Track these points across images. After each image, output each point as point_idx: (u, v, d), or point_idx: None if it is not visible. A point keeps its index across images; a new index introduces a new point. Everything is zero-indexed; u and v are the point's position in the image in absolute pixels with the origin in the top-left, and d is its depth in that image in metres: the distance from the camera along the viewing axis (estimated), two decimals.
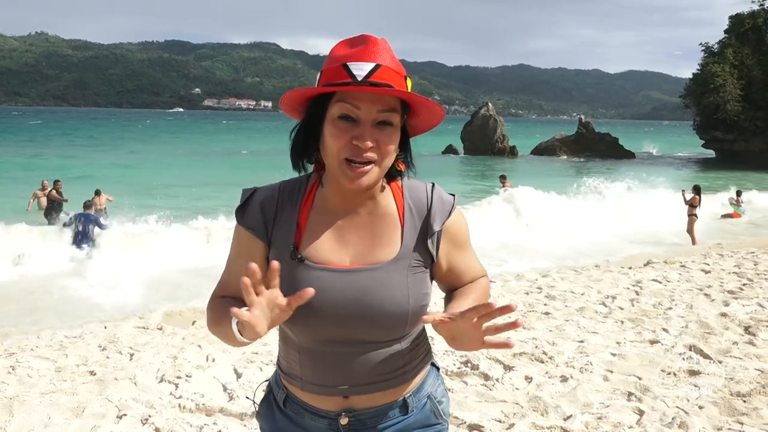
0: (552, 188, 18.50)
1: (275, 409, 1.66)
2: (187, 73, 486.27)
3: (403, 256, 1.52)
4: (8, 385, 4.68)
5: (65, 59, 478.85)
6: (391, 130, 1.43)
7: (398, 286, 1.49)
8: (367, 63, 1.41)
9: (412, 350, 1.59)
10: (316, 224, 1.53)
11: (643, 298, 7.57)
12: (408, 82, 1.49)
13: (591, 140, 48.78)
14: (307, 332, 1.51)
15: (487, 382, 4.75)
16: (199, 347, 5.66)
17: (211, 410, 4.27)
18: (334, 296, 1.47)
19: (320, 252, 1.51)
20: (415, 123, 1.54)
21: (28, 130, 73.90)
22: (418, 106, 1.48)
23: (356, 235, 1.53)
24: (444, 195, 1.59)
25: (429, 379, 1.67)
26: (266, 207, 1.54)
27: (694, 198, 14.82)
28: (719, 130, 48.89)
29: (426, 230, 1.55)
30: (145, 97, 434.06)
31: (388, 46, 1.46)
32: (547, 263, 11.34)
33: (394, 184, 1.58)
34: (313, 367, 1.55)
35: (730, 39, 50.73)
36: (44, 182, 16.97)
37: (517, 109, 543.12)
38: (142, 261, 11.46)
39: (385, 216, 1.55)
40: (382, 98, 1.41)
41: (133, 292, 9.27)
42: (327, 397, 1.56)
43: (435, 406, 1.67)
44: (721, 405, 4.28)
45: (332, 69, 1.43)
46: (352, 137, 1.40)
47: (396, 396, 1.59)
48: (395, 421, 1.60)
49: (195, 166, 34.76)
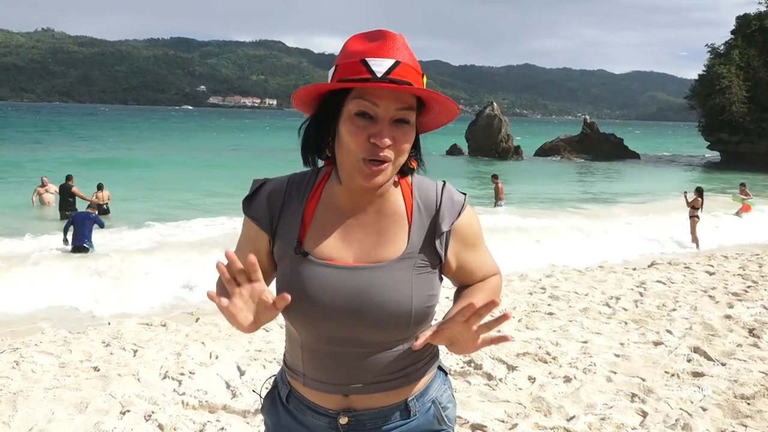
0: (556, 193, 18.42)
1: (279, 404, 1.65)
2: (192, 71, 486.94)
3: (409, 256, 1.48)
4: (12, 380, 4.70)
5: (71, 56, 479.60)
6: (407, 128, 1.41)
7: (402, 285, 1.45)
8: (386, 59, 1.38)
9: (417, 352, 1.54)
10: (321, 219, 1.51)
11: (647, 299, 7.56)
12: (424, 79, 1.46)
13: (596, 141, 48.62)
14: (308, 329, 1.49)
15: (490, 381, 4.74)
16: (203, 344, 5.67)
17: (214, 407, 4.27)
18: (335, 293, 1.45)
19: (324, 248, 1.49)
20: (426, 120, 1.52)
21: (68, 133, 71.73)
22: (434, 103, 1.45)
23: (362, 233, 1.50)
24: (455, 195, 1.55)
25: (435, 384, 1.63)
26: (273, 200, 1.53)
27: (696, 200, 14.81)
28: (725, 132, 48.68)
29: (434, 230, 1.51)
30: (151, 94, 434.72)
31: (406, 43, 1.43)
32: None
33: (404, 182, 1.54)
34: (315, 363, 1.53)
35: (736, 40, 50.50)
36: (44, 179, 16.86)
37: (522, 109, 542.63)
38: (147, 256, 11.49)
39: (393, 214, 1.51)
40: (401, 96, 1.38)
41: (137, 287, 9.28)
42: (327, 395, 1.54)
43: (439, 411, 1.62)
44: (724, 407, 4.27)
45: (349, 64, 1.39)
46: (370, 135, 1.37)
47: (398, 398, 1.55)
48: (396, 425, 1.56)
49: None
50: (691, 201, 14.82)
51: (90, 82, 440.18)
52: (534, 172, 35.34)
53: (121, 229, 13.67)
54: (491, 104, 46.33)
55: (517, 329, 6.23)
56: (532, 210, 18.52)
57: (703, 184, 23.10)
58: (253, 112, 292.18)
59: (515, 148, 45.19)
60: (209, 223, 14.38)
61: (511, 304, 7.33)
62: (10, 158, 30.77)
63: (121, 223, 14.52)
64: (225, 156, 40.23)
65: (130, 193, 19.03)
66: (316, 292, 1.44)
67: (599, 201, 22.20)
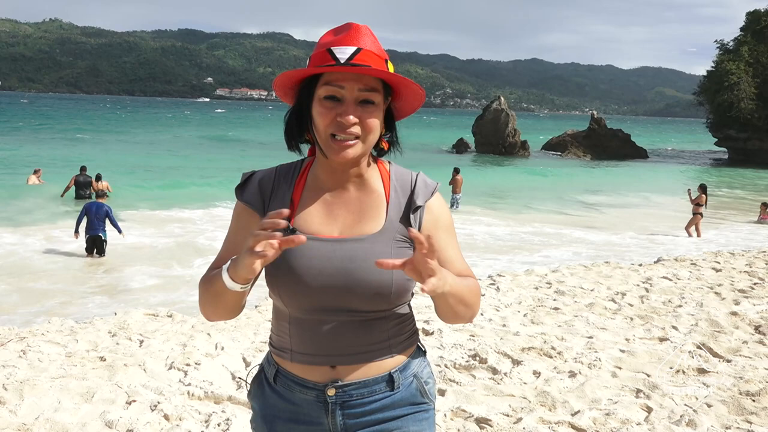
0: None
1: (265, 386, 1.73)
2: (199, 62, 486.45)
3: (388, 230, 1.61)
4: (19, 369, 4.72)
5: (79, 46, 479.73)
6: (372, 107, 1.55)
7: (382, 256, 1.55)
8: (349, 47, 1.54)
9: (398, 326, 1.67)
10: (308, 200, 1.65)
11: (653, 295, 7.55)
12: (389, 64, 1.60)
13: (603, 136, 48.47)
14: (296, 299, 1.59)
15: (495, 376, 4.74)
16: (209, 335, 5.68)
17: (220, 398, 4.29)
18: (321, 263, 1.56)
19: (311, 224, 1.62)
20: (400, 106, 1.67)
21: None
22: (400, 86, 1.59)
23: (345, 210, 1.64)
24: (428, 180, 1.71)
25: (415, 360, 1.72)
26: (263, 184, 1.67)
27: (700, 197, 14.95)
28: (733, 129, 48.46)
29: (410, 207, 1.65)
30: (158, 85, 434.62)
31: (369, 32, 1.58)
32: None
33: (382, 166, 1.70)
34: (302, 336, 1.62)
35: (746, 36, 50.22)
36: (37, 170, 18.89)
37: (530, 104, 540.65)
38: (155, 246, 11.56)
39: (372, 193, 1.66)
40: (362, 78, 1.53)
41: (143, 278, 9.33)
42: (315, 367, 1.63)
43: (421, 385, 1.71)
44: (729, 404, 4.26)
45: (318, 54, 1.56)
46: (337, 114, 1.52)
47: (382, 370, 1.65)
48: (382, 396, 1.65)
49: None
50: (696, 198, 14.90)
51: (97, 72, 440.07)
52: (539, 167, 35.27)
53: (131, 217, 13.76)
54: (498, 99, 46.18)
55: (523, 324, 6.23)
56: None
57: (710, 181, 23.02)
58: (274, 105, 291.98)
59: (522, 143, 45.08)
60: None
61: (517, 298, 7.33)
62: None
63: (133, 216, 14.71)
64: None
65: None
66: (305, 263, 1.56)
67: (603, 198, 22.15)
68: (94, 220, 10.90)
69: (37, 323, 6.50)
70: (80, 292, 8.87)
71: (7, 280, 9.19)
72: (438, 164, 30.13)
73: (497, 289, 7.86)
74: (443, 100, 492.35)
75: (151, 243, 12.17)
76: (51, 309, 7.72)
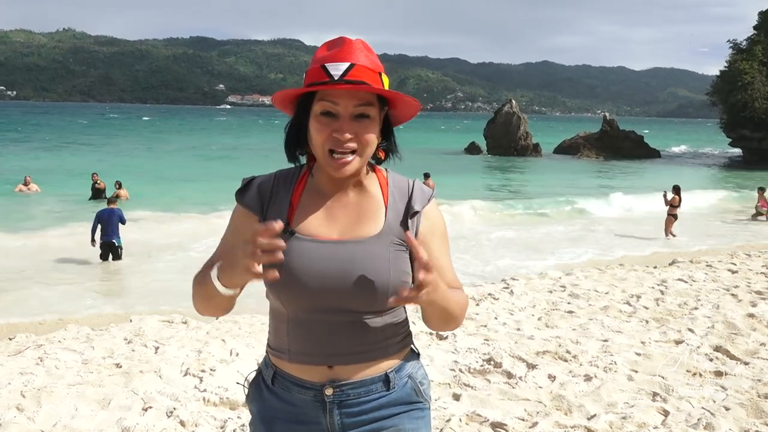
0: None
1: (263, 388, 1.75)
2: (210, 70, 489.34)
3: (386, 233, 1.64)
4: (36, 376, 4.76)
5: (92, 55, 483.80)
6: (368, 122, 1.58)
7: (381, 258, 1.60)
8: (342, 63, 1.56)
9: (394, 327, 1.70)
10: (307, 203, 1.68)
11: (668, 297, 7.50)
12: (384, 78, 1.62)
13: (615, 138, 48.19)
14: (296, 300, 1.61)
15: (510, 380, 4.73)
16: (223, 341, 5.71)
17: (235, 404, 4.31)
18: (321, 264, 1.59)
19: (310, 226, 1.65)
20: (396, 114, 1.69)
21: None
22: (394, 99, 1.62)
23: (344, 213, 1.67)
24: (424, 187, 1.75)
25: (410, 361, 1.76)
26: (263, 188, 1.70)
27: (674, 198, 15.20)
28: (747, 129, 48.00)
29: (407, 212, 1.69)
30: (170, 93, 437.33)
31: (363, 46, 1.61)
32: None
33: (380, 173, 1.74)
34: (300, 336, 1.65)
35: (759, 35, 49.78)
36: (27, 178, 19.14)
37: (541, 107, 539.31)
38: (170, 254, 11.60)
39: (371, 197, 1.69)
40: (357, 93, 1.56)
41: (159, 285, 9.37)
42: (313, 367, 1.65)
43: (416, 385, 1.74)
44: (747, 406, 4.22)
45: (313, 70, 1.59)
46: (333, 130, 1.55)
47: (378, 370, 1.68)
48: (378, 396, 1.68)
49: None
50: (670, 200, 15.15)
51: (110, 81, 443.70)
52: (552, 169, 35.12)
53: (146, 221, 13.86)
54: (510, 102, 46.07)
55: (537, 327, 6.21)
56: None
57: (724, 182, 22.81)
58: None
59: (534, 146, 44.92)
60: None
61: (531, 302, 7.30)
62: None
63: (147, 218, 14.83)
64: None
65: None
66: (305, 263, 1.58)
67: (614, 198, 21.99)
68: (107, 227, 10.97)
69: (54, 331, 6.54)
70: (94, 296, 8.93)
71: (22, 286, 9.27)
72: (453, 165, 30.00)
73: (511, 292, 7.84)
74: (454, 103, 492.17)
75: (167, 244, 12.23)
76: (66, 316, 7.77)
